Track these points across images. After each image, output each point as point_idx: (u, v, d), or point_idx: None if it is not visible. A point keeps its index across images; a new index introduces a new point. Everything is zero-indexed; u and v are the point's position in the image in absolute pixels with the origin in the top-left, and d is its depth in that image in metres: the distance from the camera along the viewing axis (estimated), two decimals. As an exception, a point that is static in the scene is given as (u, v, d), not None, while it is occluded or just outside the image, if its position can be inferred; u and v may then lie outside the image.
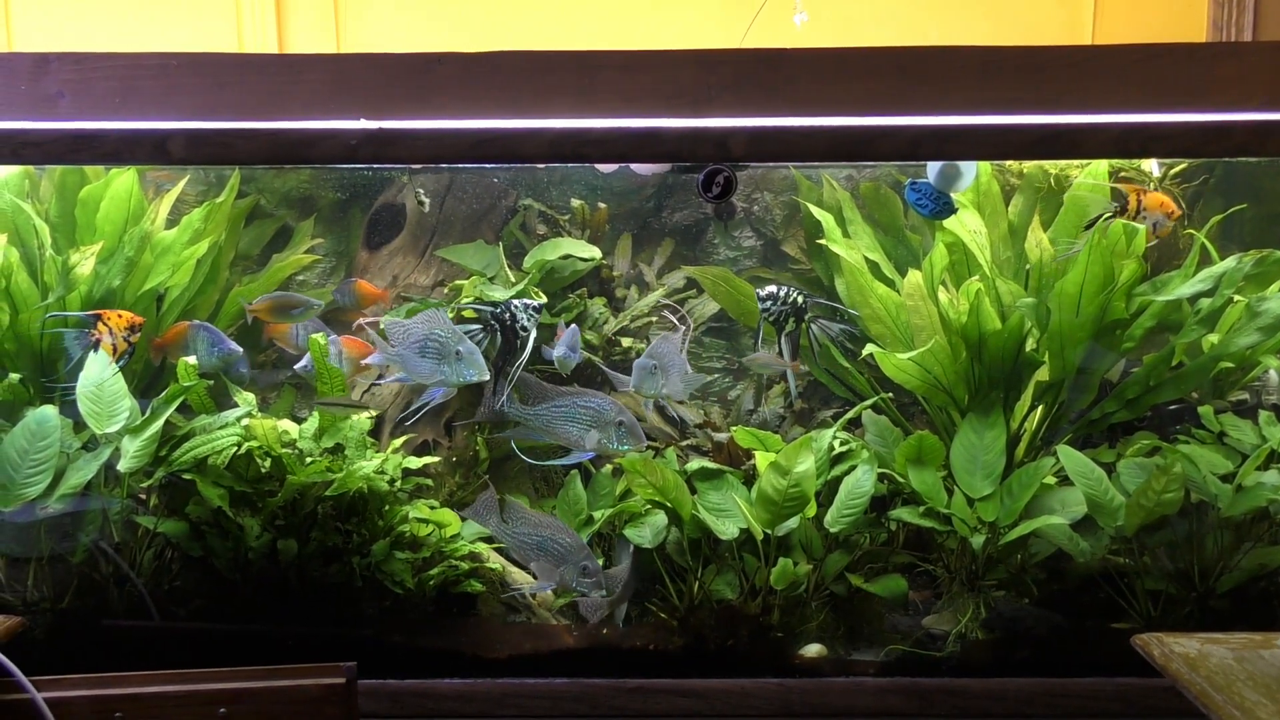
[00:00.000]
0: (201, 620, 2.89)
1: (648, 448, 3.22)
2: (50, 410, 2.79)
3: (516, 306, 2.90)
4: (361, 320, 2.99)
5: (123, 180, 2.94)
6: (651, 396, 2.78)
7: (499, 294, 2.96)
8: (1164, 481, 2.72)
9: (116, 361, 2.82)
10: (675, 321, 2.99)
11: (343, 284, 3.16)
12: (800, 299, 3.03)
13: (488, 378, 2.69)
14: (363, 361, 2.87)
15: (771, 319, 3.04)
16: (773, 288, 3.03)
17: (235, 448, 2.83)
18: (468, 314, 3.00)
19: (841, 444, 3.00)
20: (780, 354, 3.10)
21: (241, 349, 2.97)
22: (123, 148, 2.17)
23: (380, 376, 2.96)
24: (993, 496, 2.88)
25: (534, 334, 2.84)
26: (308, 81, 2.13)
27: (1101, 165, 2.92)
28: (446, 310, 2.74)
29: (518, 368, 2.83)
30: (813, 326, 3.13)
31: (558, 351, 2.82)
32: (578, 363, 2.88)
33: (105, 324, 2.82)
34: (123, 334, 2.82)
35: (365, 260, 3.44)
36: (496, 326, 2.91)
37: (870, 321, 3.15)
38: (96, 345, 2.84)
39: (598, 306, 3.39)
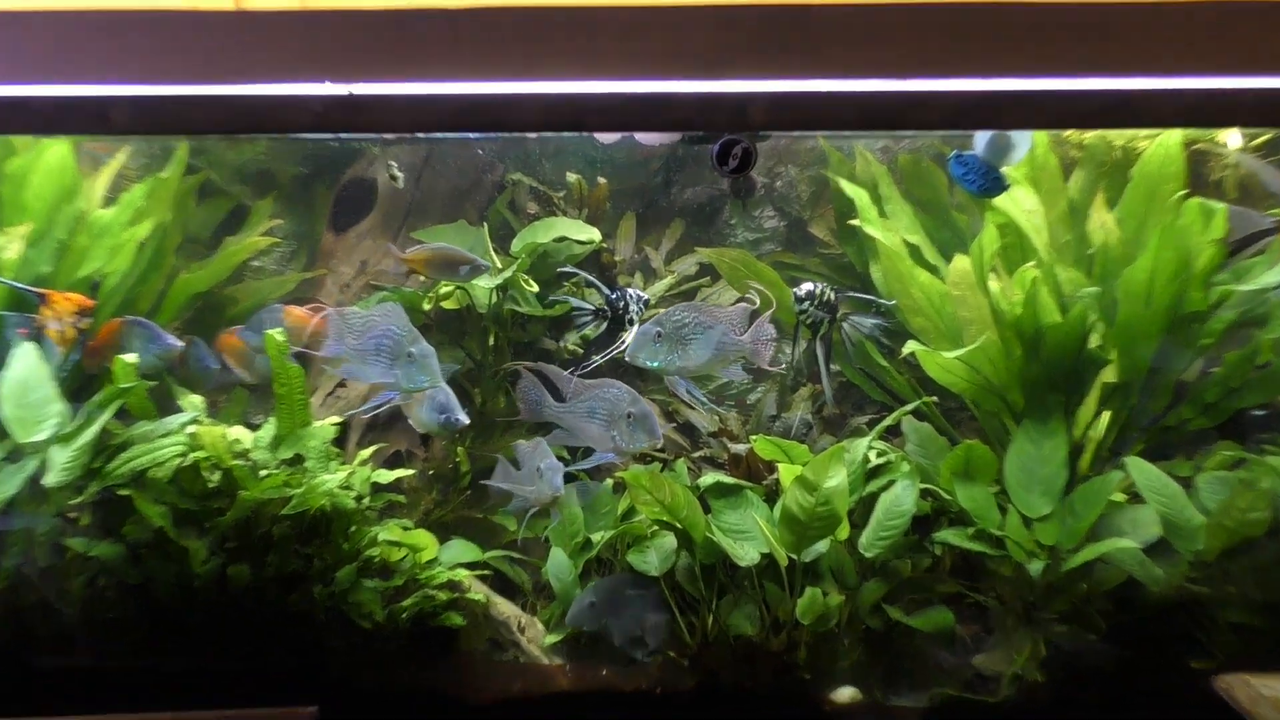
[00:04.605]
0: (142, 657, 2.89)
1: (653, 460, 3.28)
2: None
3: (630, 297, 2.96)
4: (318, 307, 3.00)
5: (55, 152, 2.95)
6: (663, 372, 2.70)
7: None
8: (1249, 499, 2.72)
9: (67, 353, 2.79)
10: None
11: (265, 310, 3.09)
12: (832, 294, 3.02)
13: (441, 384, 2.71)
14: (322, 353, 2.86)
15: (810, 321, 2.99)
16: (810, 285, 2.98)
17: (179, 459, 2.82)
18: (570, 288, 3.00)
19: (878, 455, 3.00)
20: (816, 358, 3.11)
21: (181, 343, 2.96)
22: (59, 116, 2.18)
23: (343, 383, 2.97)
24: (1053, 516, 2.88)
25: (638, 326, 2.87)
26: (269, 41, 2.13)
27: (1175, 136, 2.93)
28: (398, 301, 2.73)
29: (604, 356, 2.87)
30: (844, 324, 3.12)
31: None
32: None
33: (50, 307, 2.78)
34: (70, 320, 2.80)
35: (331, 244, 3.44)
36: (608, 313, 2.96)
37: (910, 314, 3.15)
38: (40, 333, 2.81)
39: (596, 296, 3.31)
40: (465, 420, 2.83)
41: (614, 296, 2.97)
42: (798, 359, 3.28)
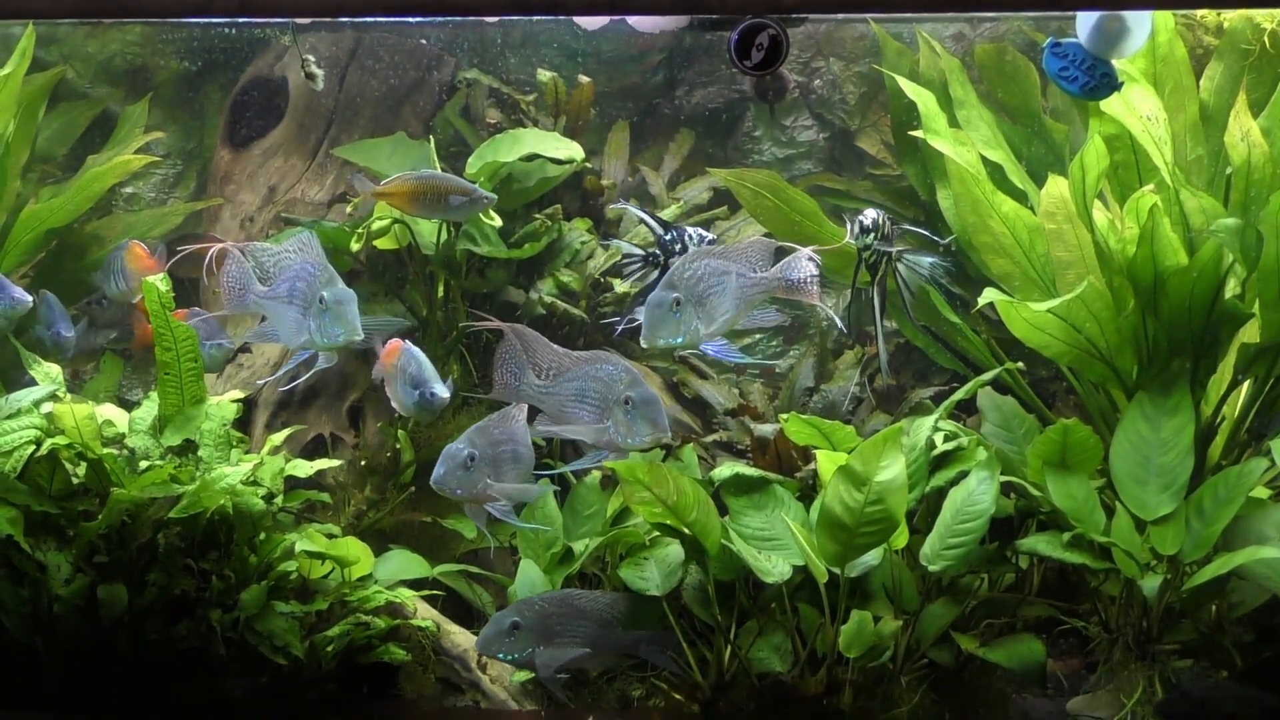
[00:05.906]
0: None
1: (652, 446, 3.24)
2: None
3: (690, 237, 2.96)
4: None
5: None
6: (674, 348, 2.73)
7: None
8: None
9: None
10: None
11: (117, 249, 3.14)
12: (888, 225, 3.03)
13: (359, 338, 2.69)
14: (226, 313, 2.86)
15: (872, 260, 3.03)
16: (873, 213, 3.01)
17: (32, 447, 2.80)
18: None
19: (947, 439, 2.97)
20: (868, 312, 3.11)
21: (30, 298, 2.97)
22: None
23: (246, 345, 2.97)
24: (1174, 517, 2.86)
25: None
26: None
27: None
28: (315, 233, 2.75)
29: (627, 314, 2.87)
30: (899, 265, 3.13)
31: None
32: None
33: None
34: None
35: (228, 163, 3.42)
36: (660, 258, 2.97)
37: (990, 254, 3.13)
38: None
39: (578, 233, 3.38)
40: (445, 395, 2.81)
41: (668, 238, 2.96)
42: (846, 313, 3.28)
